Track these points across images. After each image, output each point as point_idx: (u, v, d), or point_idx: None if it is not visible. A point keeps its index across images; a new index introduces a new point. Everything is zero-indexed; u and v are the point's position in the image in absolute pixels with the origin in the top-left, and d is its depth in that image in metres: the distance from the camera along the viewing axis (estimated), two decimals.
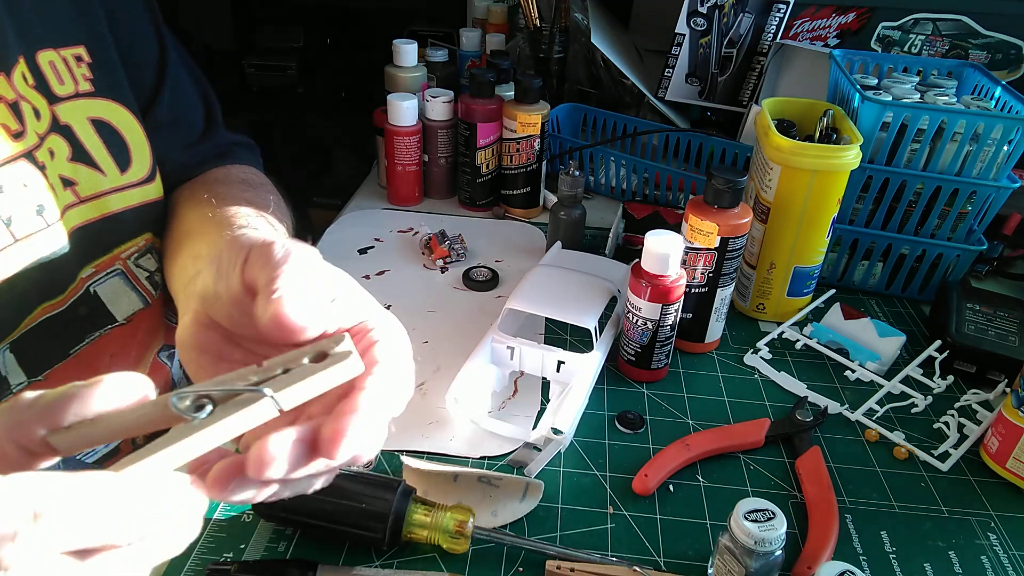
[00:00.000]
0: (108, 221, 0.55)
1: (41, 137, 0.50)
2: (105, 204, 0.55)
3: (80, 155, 0.53)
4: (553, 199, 1.00)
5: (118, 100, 0.56)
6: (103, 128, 0.55)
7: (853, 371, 0.73)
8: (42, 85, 0.51)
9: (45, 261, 0.50)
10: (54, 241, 0.51)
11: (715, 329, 0.75)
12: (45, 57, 0.51)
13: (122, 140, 0.56)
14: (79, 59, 0.53)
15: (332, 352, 0.31)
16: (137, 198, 0.57)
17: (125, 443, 0.59)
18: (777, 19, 1.04)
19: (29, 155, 0.49)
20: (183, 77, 0.65)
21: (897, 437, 0.65)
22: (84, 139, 0.53)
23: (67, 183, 0.52)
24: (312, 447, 0.31)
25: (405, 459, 0.56)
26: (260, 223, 0.50)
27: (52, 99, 0.51)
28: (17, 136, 0.48)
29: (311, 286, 0.35)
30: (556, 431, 0.60)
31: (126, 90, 0.57)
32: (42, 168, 0.50)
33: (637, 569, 0.50)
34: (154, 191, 0.59)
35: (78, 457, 0.55)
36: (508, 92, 1.01)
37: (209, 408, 0.29)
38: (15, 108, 0.48)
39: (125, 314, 0.58)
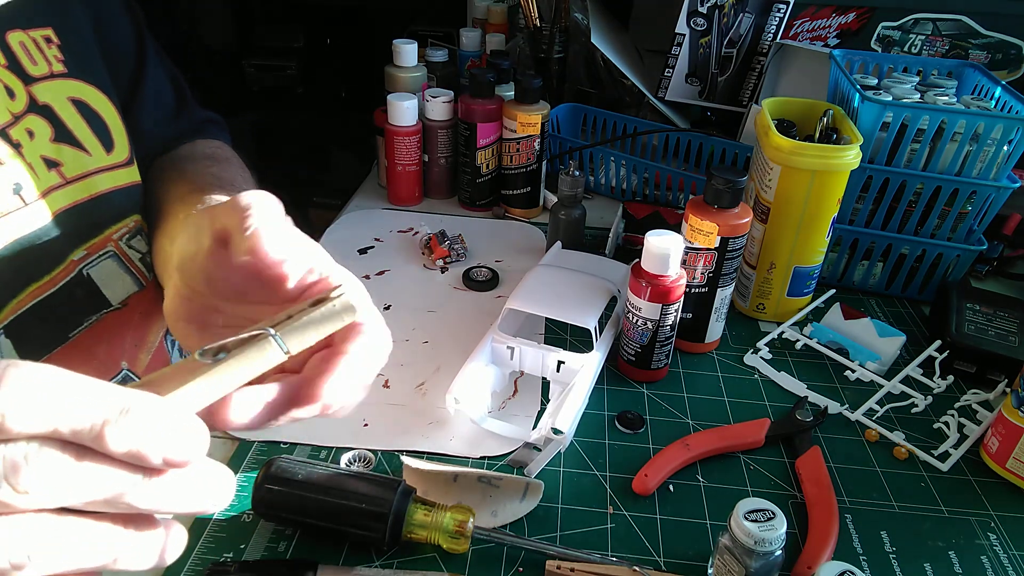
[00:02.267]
0: (97, 201, 0.55)
1: (16, 116, 0.50)
2: (93, 184, 0.55)
3: (63, 135, 0.53)
4: (553, 199, 1.00)
5: (92, 83, 0.56)
6: (84, 108, 0.55)
7: (853, 371, 0.73)
8: (14, 65, 0.50)
9: (27, 241, 0.50)
10: (35, 220, 0.50)
11: (715, 329, 0.75)
12: (15, 38, 0.51)
13: (102, 121, 0.56)
14: (48, 40, 0.53)
15: (330, 297, 0.33)
16: (124, 179, 0.57)
17: None
18: (777, 19, 1.04)
19: (2, 132, 0.49)
20: (154, 53, 0.66)
21: (897, 437, 0.65)
22: (67, 119, 0.53)
23: (51, 164, 0.52)
24: (292, 400, 0.34)
25: (405, 459, 0.56)
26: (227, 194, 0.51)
27: (27, 79, 0.51)
28: None
29: (282, 223, 0.37)
30: (556, 431, 0.60)
31: (101, 73, 0.57)
32: (17, 147, 0.49)
33: (637, 569, 0.50)
34: (136, 174, 0.59)
35: None
36: (508, 92, 1.01)
37: (223, 356, 0.31)
38: None
39: (119, 298, 0.58)
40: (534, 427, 0.64)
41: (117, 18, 0.62)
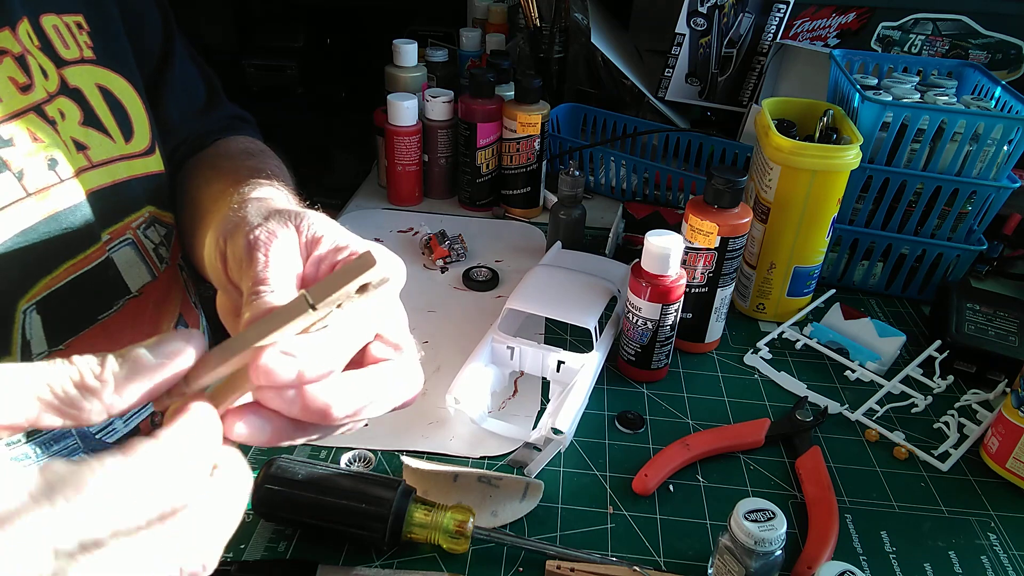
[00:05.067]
0: (118, 188, 0.55)
1: (50, 95, 0.50)
2: (115, 171, 0.55)
3: (91, 120, 0.53)
4: (553, 199, 1.00)
5: (119, 71, 0.56)
6: (108, 96, 0.55)
7: (853, 371, 0.73)
8: (47, 47, 0.51)
9: (62, 217, 0.50)
10: (70, 197, 0.50)
11: (715, 329, 0.75)
12: (48, 21, 0.51)
13: (124, 110, 0.56)
14: (80, 26, 0.53)
15: (363, 264, 0.33)
16: (140, 169, 0.58)
17: (144, 423, 0.59)
18: (777, 19, 1.04)
19: (38, 108, 0.49)
20: (183, 49, 0.67)
21: (897, 437, 0.65)
22: (95, 104, 0.54)
23: (80, 146, 0.52)
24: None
25: (405, 459, 0.56)
26: (263, 190, 0.52)
27: (59, 62, 0.51)
28: (25, 89, 0.48)
29: (285, 276, 0.37)
30: (556, 431, 0.60)
31: (128, 62, 0.57)
32: (52, 123, 0.50)
33: (637, 569, 0.50)
34: (155, 163, 0.59)
35: (97, 436, 0.55)
36: (508, 92, 1.01)
37: None
38: (22, 61, 0.48)
39: (137, 285, 0.58)
40: (534, 427, 0.64)
41: (146, 9, 0.62)
